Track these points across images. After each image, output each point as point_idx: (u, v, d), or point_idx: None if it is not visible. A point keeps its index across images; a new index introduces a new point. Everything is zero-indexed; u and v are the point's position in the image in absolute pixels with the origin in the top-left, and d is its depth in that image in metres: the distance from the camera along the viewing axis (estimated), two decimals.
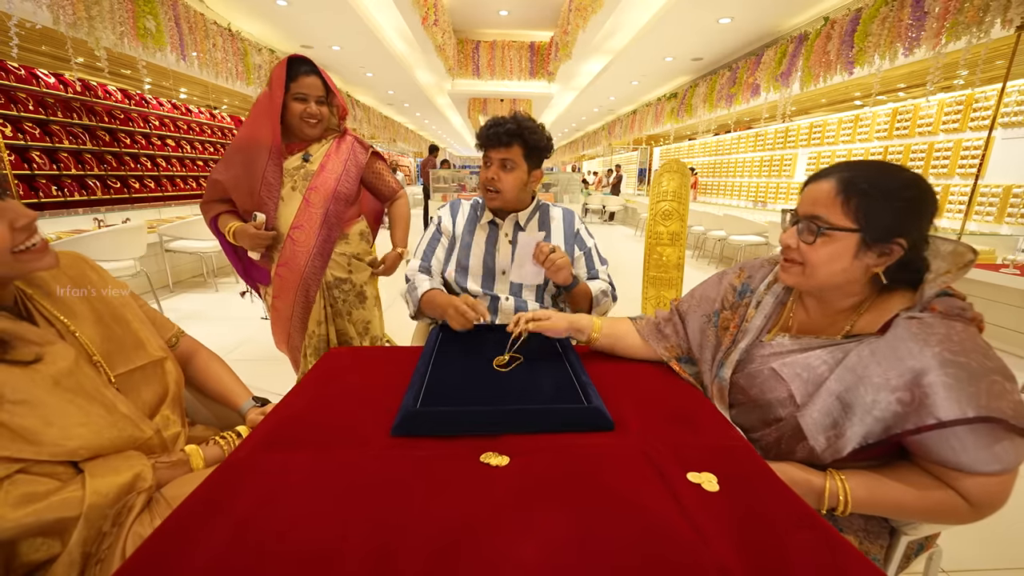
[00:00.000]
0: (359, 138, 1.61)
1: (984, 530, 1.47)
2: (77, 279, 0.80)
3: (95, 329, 0.78)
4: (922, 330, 0.68)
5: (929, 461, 0.69)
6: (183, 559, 0.50)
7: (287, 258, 1.48)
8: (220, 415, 1.06)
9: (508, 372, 0.96)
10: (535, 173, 1.27)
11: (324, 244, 1.50)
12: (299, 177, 1.47)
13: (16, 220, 0.61)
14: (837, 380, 0.73)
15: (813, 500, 0.73)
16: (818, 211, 0.75)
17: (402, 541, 0.53)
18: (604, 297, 1.31)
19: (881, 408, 0.67)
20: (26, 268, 0.65)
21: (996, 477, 0.64)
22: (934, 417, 0.62)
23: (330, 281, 1.57)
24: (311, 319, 1.56)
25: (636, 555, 0.52)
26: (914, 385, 0.65)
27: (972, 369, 0.63)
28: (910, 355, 0.66)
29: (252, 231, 1.41)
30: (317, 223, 1.48)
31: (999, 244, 3.60)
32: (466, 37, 7.09)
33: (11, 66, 4.22)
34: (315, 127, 1.46)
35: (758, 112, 6.28)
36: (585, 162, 20.04)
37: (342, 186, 1.51)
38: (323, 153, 1.51)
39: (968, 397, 0.61)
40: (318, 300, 1.55)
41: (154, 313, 0.96)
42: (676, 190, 2.75)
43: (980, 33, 2.73)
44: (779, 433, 0.80)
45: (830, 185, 0.75)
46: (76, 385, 0.69)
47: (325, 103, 1.46)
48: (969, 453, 0.64)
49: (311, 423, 0.78)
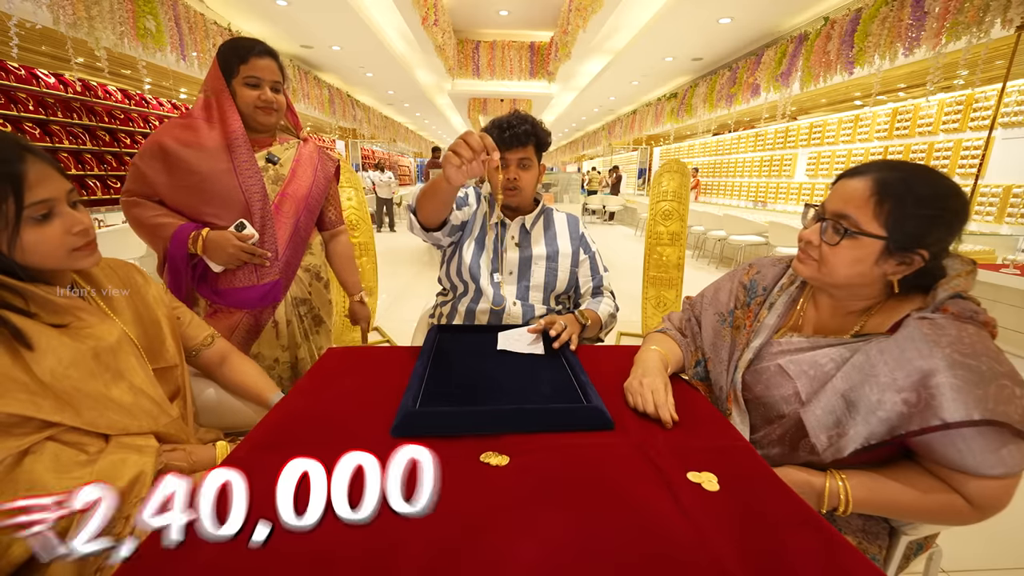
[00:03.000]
0: (323, 148, 1.44)
1: (984, 530, 1.47)
2: (125, 281, 0.90)
3: (134, 327, 0.86)
4: (933, 331, 0.66)
5: (933, 462, 0.69)
6: (183, 559, 0.50)
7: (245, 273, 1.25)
8: (223, 418, 1.06)
9: (508, 372, 0.96)
10: (541, 167, 1.33)
11: (291, 260, 1.31)
12: (267, 180, 1.25)
13: (73, 227, 0.72)
14: (843, 378, 0.73)
15: (813, 500, 0.73)
16: (848, 210, 0.73)
17: (402, 541, 0.53)
18: (612, 320, 1.33)
19: (886, 409, 0.66)
20: (75, 264, 0.75)
21: (999, 480, 0.64)
22: (939, 419, 0.61)
23: (290, 301, 1.34)
24: (270, 345, 1.32)
25: (636, 554, 0.52)
26: (921, 386, 0.64)
27: (981, 372, 0.62)
28: (919, 355, 0.65)
29: (237, 243, 1.17)
30: (286, 235, 1.28)
31: (999, 244, 3.60)
32: (466, 37, 7.08)
33: (11, 66, 4.23)
34: (271, 116, 1.23)
35: (758, 112, 6.28)
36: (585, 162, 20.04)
37: (313, 196, 1.34)
38: (291, 157, 1.32)
39: (976, 400, 0.60)
40: (282, 322, 1.32)
41: (191, 316, 1.04)
42: (676, 190, 2.75)
43: (980, 33, 2.72)
44: (782, 430, 0.80)
45: (865, 185, 0.73)
46: (114, 361, 0.77)
47: (281, 92, 1.25)
48: (975, 456, 0.63)
49: (311, 423, 0.78)
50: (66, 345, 0.71)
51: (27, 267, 0.70)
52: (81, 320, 0.76)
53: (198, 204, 1.19)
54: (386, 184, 8.61)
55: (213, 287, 1.24)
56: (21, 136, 0.75)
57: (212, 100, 1.21)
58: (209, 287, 1.24)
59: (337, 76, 7.21)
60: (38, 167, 0.68)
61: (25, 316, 0.68)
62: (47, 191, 0.69)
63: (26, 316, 0.69)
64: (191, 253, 1.18)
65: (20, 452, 0.65)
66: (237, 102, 1.20)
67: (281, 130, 1.37)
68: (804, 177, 7.08)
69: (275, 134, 1.33)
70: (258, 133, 1.28)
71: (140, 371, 0.81)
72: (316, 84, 6.48)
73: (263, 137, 1.29)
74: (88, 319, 0.77)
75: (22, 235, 0.68)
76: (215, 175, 1.18)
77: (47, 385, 0.67)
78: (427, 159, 8.18)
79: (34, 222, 0.69)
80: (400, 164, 16.62)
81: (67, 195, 0.73)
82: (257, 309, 1.27)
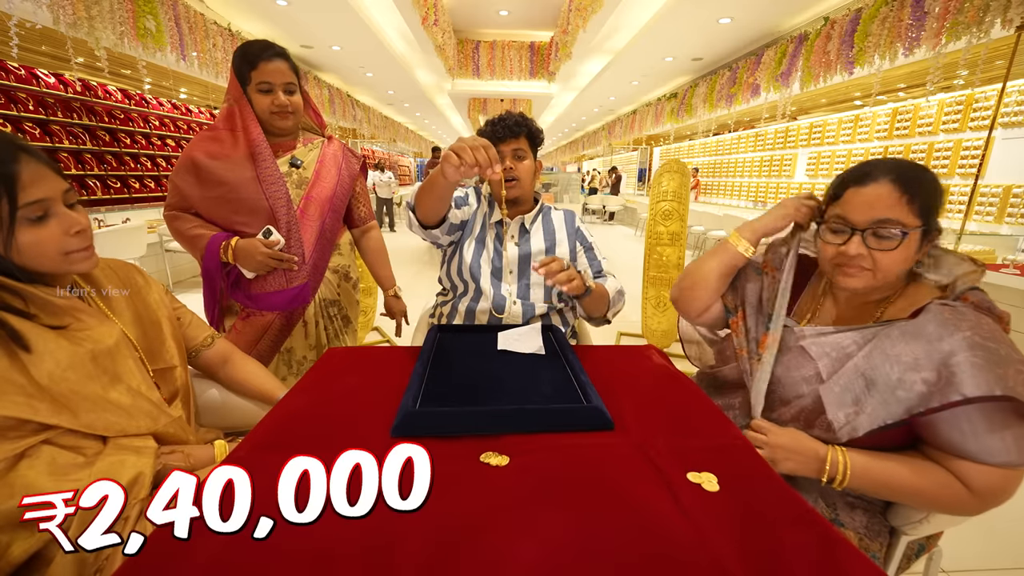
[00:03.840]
0: (348, 146, 1.45)
1: (984, 530, 1.47)
2: (125, 281, 0.90)
3: (133, 328, 0.86)
4: (953, 316, 0.69)
5: (936, 447, 0.70)
6: (183, 559, 0.50)
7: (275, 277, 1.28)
8: (225, 418, 1.06)
9: (508, 372, 0.96)
10: (538, 162, 1.35)
11: (318, 262, 1.33)
12: (291, 185, 1.28)
13: (71, 228, 0.71)
14: (865, 358, 0.75)
15: (815, 467, 0.75)
16: (890, 215, 0.75)
17: (402, 541, 0.53)
18: (620, 298, 1.30)
19: (907, 388, 0.68)
20: (71, 268, 0.74)
21: (1001, 470, 0.65)
22: (959, 394, 0.63)
23: (319, 303, 1.37)
24: (300, 342, 1.36)
25: (636, 554, 0.52)
26: (941, 365, 0.66)
27: (1000, 355, 0.64)
28: (939, 338, 0.68)
29: (265, 250, 1.20)
30: (313, 237, 1.30)
31: (999, 244, 3.61)
32: (466, 37, 7.09)
33: (11, 66, 4.23)
34: (288, 119, 1.25)
35: (758, 112, 6.28)
36: (585, 162, 20.04)
37: (338, 197, 1.36)
38: (314, 159, 1.33)
39: (996, 377, 0.62)
40: (311, 323, 1.35)
41: (191, 316, 1.04)
42: (676, 190, 2.75)
43: (980, 33, 2.72)
44: (797, 409, 0.81)
45: (890, 188, 0.75)
46: (112, 364, 0.76)
47: (297, 92, 1.25)
48: (979, 439, 0.65)
49: (311, 423, 0.78)
50: (64, 348, 0.70)
51: (25, 269, 0.69)
52: (80, 322, 0.75)
53: (229, 214, 1.23)
54: (386, 184, 8.61)
55: (247, 292, 1.28)
56: (16, 136, 0.74)
57: (234, 109, 1.23)
58: (243, 292, 1.28)
59: (337, 76, 7.22)
60: (33, 167, 0.67)
61: (24, 318, 0.68)
62: (42, 191, 0.68)
63: (25, 318, 0.68)
64: (224, 262, 1.23)
65: (15, 456, 0.64)
66: (254, 109, 1.22)
67: (305, 129, 1.38)
68: (804, 177, 7.09)
69: (298, 135, 1.34)
70: (280, 137, 1.29)
71: (138, 374, 0.81)
72: (316, 84, 6.48)
73: (286, 140, 1.31)
74: (87, 321, 0.76)
75: (17, 236, 0.67)
76: (241, 184, 1.21)
77: (44, 388, 0.67)
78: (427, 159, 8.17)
79: (29, 223, 0.67)
80: (400, 164, 16.59)
81: (63, 195, 0.71)
82: (288, 311, 1.30)
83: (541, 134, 1.34)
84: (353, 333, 1.52)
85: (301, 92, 1.27)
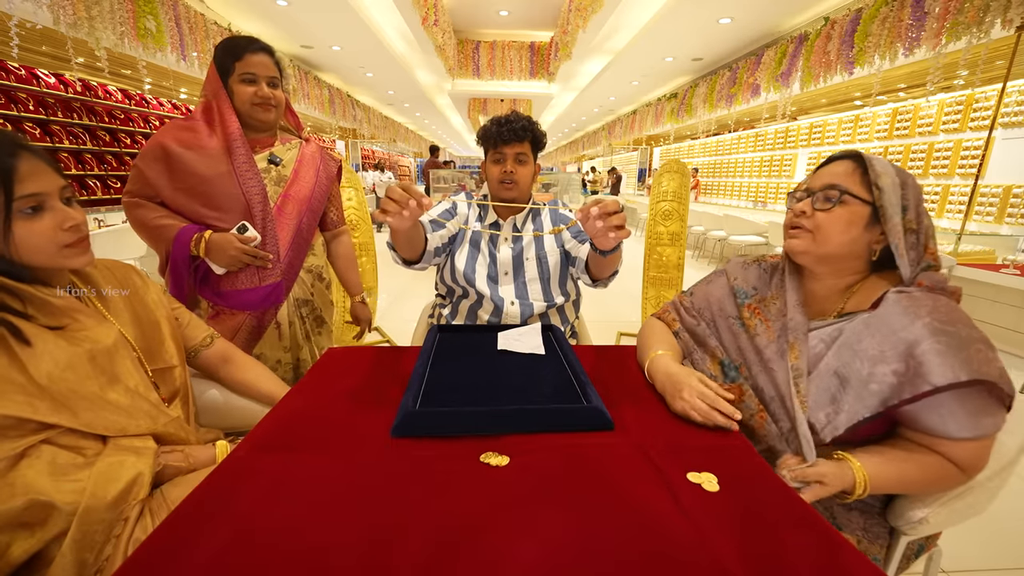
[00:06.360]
0: (325, 149, 1.43)
1: (984, 530, 1.47)
2: (123, 282, 0.90)
3: (132, 329, 0.86)
4: (911, 303, 0.72)
5: (918, 431, 0.72)
6: (183, 559, 0.50)
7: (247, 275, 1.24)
8: (226, 418, 1.06)
9: (508, 372, 0.96)
10: (537, 165, 1.37)
11: (294, 261, 1.30)
12: (269, 182, 1.24)
13: (64, 222, 0.72)
14: (834, 356, 0.76)
15: (845, 487, 0.71)
16: (837, 181, 0.80)
17: (402, 541, 0.53)
18: (619, 256, 1.18)
19: (878, 381, 0.70)
20: (66, 263, 0.74)
21: (979, 442, 0.69)
22: (929, 383, 0.65)
23: (292, 303, 1.33)
24: (272, 346, 1.32)
25: (636, 554, 0.52)
26: (908, 356, 0.68)
27: (960, 337, 0.66)
28: (902, 328, 0.70)
29: (239, 245, 1.16)
30: (289, 236, 1.27)
31: (999, 244, 3.60)
32: (466, 37, 7.08)
33: (11, 66, 4.23)
34: (270, 112, 1.22)
35: (758, 112, 6.28)
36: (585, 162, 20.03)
37: (316, 198, 1.33)
38: (293, 158, 1.31)
39: (961, 362, 0.64)
40: (284, 324, 1.31)
41: (189, 316, 1.04)
42: (676, 190, 2.75)
43: (980, 33, 2.72)
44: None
45: (848, 163, 0.81)
46: (110, 365, 0.77)
47: (279, 88, 1.24)
48: (957, 419, 0.68)
49: (310, 423, 0.78)
50: (62, 348, 0.71)
51: (23, 265, 0.70)
52: (78, 322, 0.75)
53: (198, 207, 1.18)
54: (386, 184, 8.61)
55: (215, 289, 1.23)
56: (19, 135, 0.74)
57: (212, 103, 1.20)
58: (211, 289, 1.23)
59: (337, 76, 7.21)
60: (30, 162, 0.68)
61: (22, 318, 0.68)
62: (37, 185, 0.69)
63: (23, 318, 0.69)
64: (193, 255, 1.17)
65: (16, 456, 0.64)
66: (234, 101, 1.19)
67: (282, 130, 1.36)
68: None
69: (276, 133, 1.32)
70: (258, 132, 1.26)
71: (136, 374, 0.81)
72: (316, 84, 6.48)
73: (264, 136, 1.28)
74: (85, 321, 0.76)
75: (13, 229, 0.68)
76: (216, 178, 1.17)
77: (44, 388, 0.67)
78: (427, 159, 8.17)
79: (24, 216, 0.68)
80: (400, 164, 16.58)
81: (60, 191, 0.72)
82: (259, 311, 1.26)
83: (545, 138, 1.35)
84: (328, 334, 1.48)
85: (283, 91, 1.26)
